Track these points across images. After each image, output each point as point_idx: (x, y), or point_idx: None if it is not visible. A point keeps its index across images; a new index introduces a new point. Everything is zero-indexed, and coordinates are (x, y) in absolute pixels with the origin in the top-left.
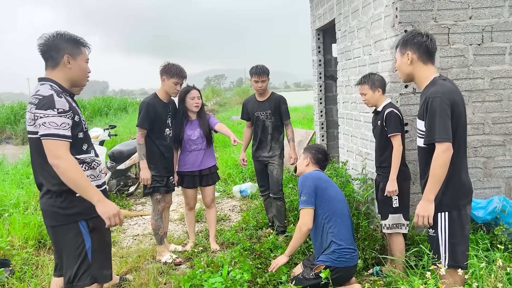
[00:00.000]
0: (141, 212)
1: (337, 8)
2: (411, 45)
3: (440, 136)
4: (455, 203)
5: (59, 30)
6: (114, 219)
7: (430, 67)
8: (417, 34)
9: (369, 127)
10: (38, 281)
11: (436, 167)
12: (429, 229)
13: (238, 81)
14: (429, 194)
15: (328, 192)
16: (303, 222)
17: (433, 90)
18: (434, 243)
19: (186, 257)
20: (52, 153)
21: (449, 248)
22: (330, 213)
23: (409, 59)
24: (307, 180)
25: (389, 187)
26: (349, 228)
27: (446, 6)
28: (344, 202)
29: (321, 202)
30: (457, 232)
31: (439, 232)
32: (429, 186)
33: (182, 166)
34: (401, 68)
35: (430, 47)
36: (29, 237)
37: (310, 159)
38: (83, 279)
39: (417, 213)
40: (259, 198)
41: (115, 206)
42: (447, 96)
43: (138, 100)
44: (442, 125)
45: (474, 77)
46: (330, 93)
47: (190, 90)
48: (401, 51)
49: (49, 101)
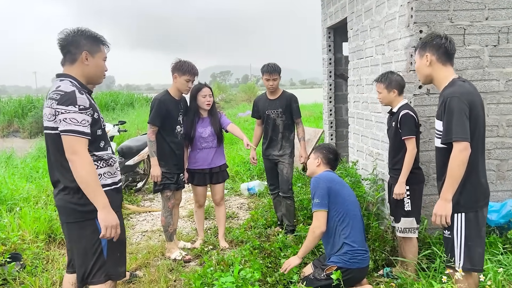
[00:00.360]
0: (149, 208)
1: (349, 6)
2: (430, 47)
3: (457, 136)
4: (472, 204)
5: (80, 27)
6: (111, 231)
7: (449, 68)
8: (436, 36)
9: (380, 127)
10: (49, 275)
11: (453, 166)
12: (444, 230)
13: (244, 77)
14: (447, 193)
15: (341, 193)
16: (316, 225)
17: (451, 90)
18: (449, 244)
19: (195, 255)
20: (71, 148)
21: (465, 251)
22: (343, 215)
23: (428, 61)
24: (319, 182)
25: (397, 189)
26: (361, 230)
27: (462, 6)
28: (356, 203)
29: (334, 204)
30: (474, 234)
31: (454, 234)
32: (446, 185)
33: (193, 163)
34: (420, 69)
35: (449, 49)
36: (40, 232)
37: (321, 159)
38: (97, 276)
39: (435, 212)
40: (267, 196)
41: (116, 218)
42: (465, 97)
43: (145, 96)
44: (459, 125)
45: (489, 79)
46: (340, 92)
47: (202, 88)
48: (420, 53)
49: (71, 97)
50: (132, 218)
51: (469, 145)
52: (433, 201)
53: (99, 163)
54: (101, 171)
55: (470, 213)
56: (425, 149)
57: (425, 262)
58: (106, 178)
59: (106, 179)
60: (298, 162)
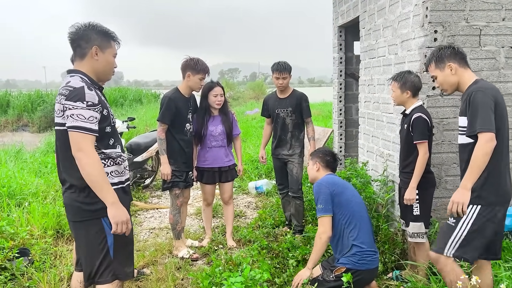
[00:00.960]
0: (157, 205)
1: (361, 5)
2: (447, 57)
3: (483, 127)
4: (490, 200)
5: (92, 21)
6: (122, 226)
7: (469, 71)
8: (446, 47)
9: (391, 128)
10: (56, 271)
11: (477, 156)
12: (450, 217)
13: (252, 75)
14: (467, 182)
15: (345, 196)
16: (322, 231)
17: (477, 86)
18: (447, 232)
19: (203, 253)
20: (76, 145)
21: (464, 239)
22: (349, 217)
23: (453, 69)
24: (321, 187)
25: (408, 195)
26: (369, 230)
27: (478, 6)
28: (361, 204)
29: (339, 207)
30: (481, 229)
31: (460, 224)
32: (468, 174)
33: (202, 161)
34: (446, 81)
35: (464, 54)
36: (48, 227)
37: (319, 163)
38: (104, 276)
39: (453, 199)
40: (275, 195)
41: (127, 213)
42: (490, 92)
43: (154, 92)
44: (485, 116)
45: (505, 81)
46: (350, 91)
47: (214, 87)
48: (439, 66)
49: (79, 93)
50: (140, 215)
51: (494, 136)
52: (445, 204)
53: (106, 161)
54: (108, 169)
55: (485, 208)
56: (438, 151)
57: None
58: (113, 177)
59: (113, 178)
60: (307, 162)
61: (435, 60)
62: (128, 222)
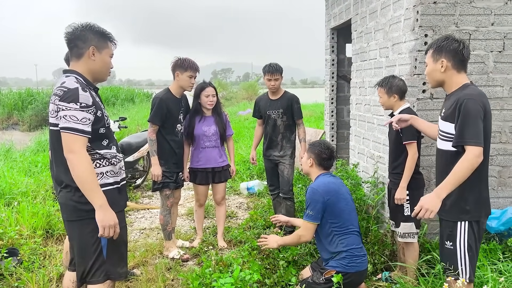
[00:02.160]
0: (148, 206)
1: (354, 8)
2: (446, 52)
3: (471, 140)
4: (476, 213)
5: (89, 22)
6: (109, 230)
7: (462, 74)
8: (453, 40)
9: (382, 130)
10: (46, 271)
11: (461, 168)
12: (446, 241)
13: (245, 75)
14: (442, 190)
15: (339, 205)
16: (303, 234)
17: (467, 93)
18: (451, 256)
19: (193, 254)
20: (68, 146)
21: (469, 261)
22: (340, 226)
23: (444, 67)
24: (316, 194)
25: (398, 194)
26: (359, 236)
27: (468, 11)
28: (354, 211)
29: (331, 215)
30: (473, 245)
31: (457, 244)
32: (446, 183)
33: (195, 162)
34: (432, 74)
35: (466, 56)
36: (37, 227)
37: (314, 160)
38: (96, 276)
39: (422, 204)
40: (267, 196)
41: (115, 217)
42: (481, 99)
43: (146, 91)
44: (475, 129)
45: (493, 85)
46: (342, 93)
47: (206, 87)
48: (435, 57)
49: (73, 94)
50: (131, 215)
51: (482, 151)
52: None
53: (101, 162)
54: (103, 169)
55: (473, 223)
56: (427, 153)
57: (425, 268)
58: (108, 177)
59: (108, 178)
60: (299, 163)
61: (434, 48)
62: (116, 226)
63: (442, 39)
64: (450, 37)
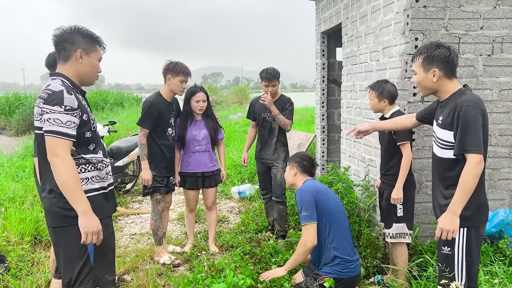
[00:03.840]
0: (138, 211)
1: (344, 12)
2: (437, 61)
3: (473, 148)
4: (476, 219)
5: (77, 25)
6: (92, 237)
7: (454, 81)
8: (443, 49)
9: (373, 134)
10: (34, 279)
11: (468, 179)
12: (443, 247)
13: (235, 79)
14: (457, 207)
15: (328, 204)
16: (308, 239)
17: (465, 99)
18: (449, 261)
19: (184, 259)
20: (51, 150)
21: (466, 268)
22: (330, 225)
23: (435, 76)
24: (305, 194)
25: (395, 194)
26: (350, 238)
27: (458, 15)
28: (343, 212)
29: (321, 215)
30: (473, 251)
31: (455, 250)
32: (457, 199)
33: (185, 166)
34: (423, 83)
35: (456, 62)
36: (25, 233)
37: (296, 168)
38: (84, 283)
39: (441, 226)
40: (258, 200)
41: (98, 223)
42: (479, 105)
43: (135, 95)
44: (476, 136)
45: (483, 88)
46: (332, 97)
47: (196, 92)
48: (425, 67)
49: (58, 97)
50: (121, 220)
51: (483, 158)
52: (425, 208)
53: (87, 167)
54: (89, 174)
55: (473, 229)
56: (418, 156)
57: (416, 270)
58: (94, 182)
59: (93, 183)
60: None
61: (425, 58)
62: (100, 232)
63: (432, 47)
64: (439, 45)
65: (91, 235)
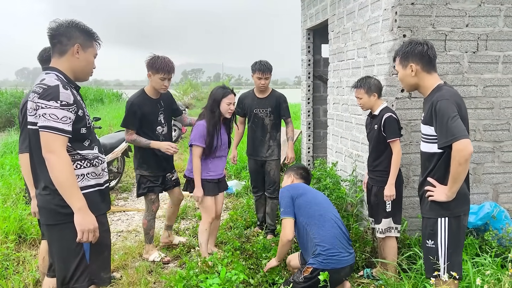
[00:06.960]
0: (124, 208)
1: (330, 9)
2: (412, 56)
3: (455, 135)
4: (455, 209)
5: (74, 19)
6: (88, 234)
7: (434, 75)
8: (416, 44)
9: (360, 129)
10: (20, 278)
11: (460, 163)
12: (427, 240)
13: (216, 76)
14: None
15: (305, 197)
16: (283, 234)
17: (440, 94)
18: (433, 254)
19: (174, 256)
20: (47, 146)
21: (447, 258)
22: (308, 217)
23: (413, 71)
24: (284, 192)
25: (387, 191)
26: (334, 230)
27: (444, 13)
28: (322, 204)
29: (298, 208)
30: (455, 241)
31: (438, 242)
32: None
33: (205, 172)
34: (405, 80)
35: (432, 56)
36: (9, 232)
37: (294, 176)
38: (80, 281)
39: (435, 189)
40: (245, 196)
41: (95, 221)
42: (454, 99)
43: (115, 91)
44: (455, 125)
45: (468, 84)
46: (318, 93)
47: (228, 94)
48: (403, 64)
49: (53, 91)
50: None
51: (469, 142)
52: (413, 203)
53: (82, 163)
54: (85, 171)
55: (453, 219)
56: (406, 151)
57: (406, 263)
58: (89, 179)
59: (89, 180)
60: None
61: (401, 56)
62: (96, 230)
63: (406, 44)
64: (413, 41)
65: (87, 233)
